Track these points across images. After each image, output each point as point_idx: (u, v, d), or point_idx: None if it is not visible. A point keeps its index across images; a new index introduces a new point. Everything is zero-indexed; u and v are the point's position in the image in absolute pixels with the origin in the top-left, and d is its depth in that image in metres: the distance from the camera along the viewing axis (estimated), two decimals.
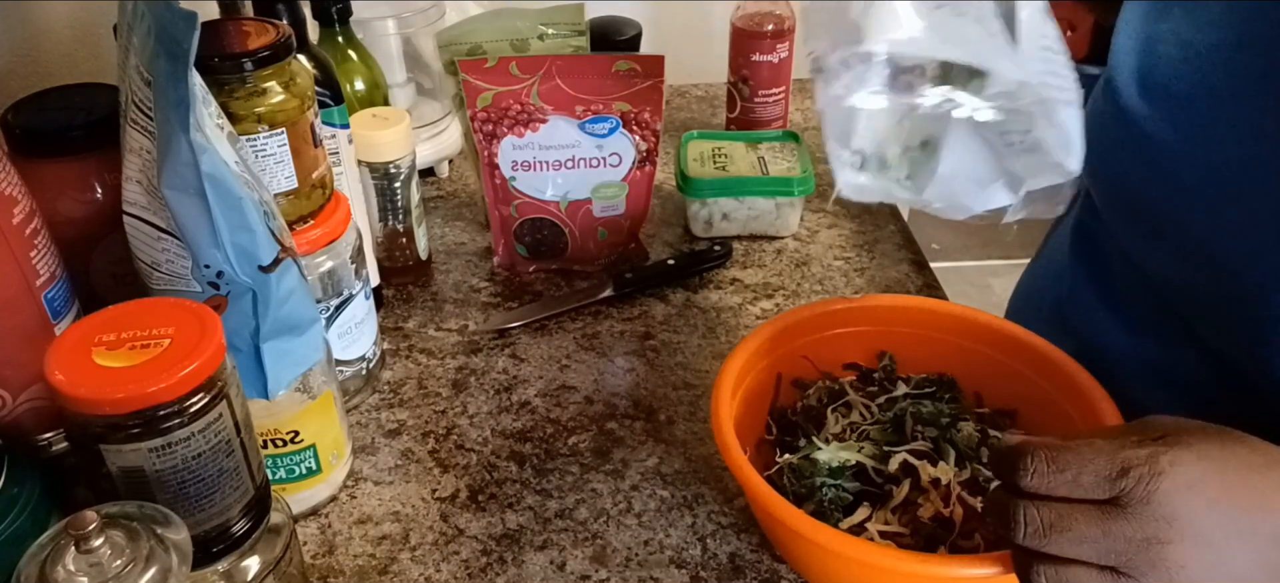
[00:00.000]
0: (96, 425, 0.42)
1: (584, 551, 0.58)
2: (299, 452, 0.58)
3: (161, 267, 0.52)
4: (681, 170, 0.87)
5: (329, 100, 0.68)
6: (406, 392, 0.71)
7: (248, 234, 0.50)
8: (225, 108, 0.54)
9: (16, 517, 0.46)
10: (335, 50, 0.80)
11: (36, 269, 0.50)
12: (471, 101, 0.76)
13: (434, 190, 0.97)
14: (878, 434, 0.58)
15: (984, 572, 0.47)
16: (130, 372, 0.42)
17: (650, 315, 0.79)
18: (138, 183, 0.51)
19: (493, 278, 0.84)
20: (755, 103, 1.00)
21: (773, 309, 0.80)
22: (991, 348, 0.62)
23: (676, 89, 1.18)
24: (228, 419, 0.45)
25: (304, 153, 0.59)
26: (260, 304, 0.52)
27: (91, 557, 0.37)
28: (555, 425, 0.68)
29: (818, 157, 1.03)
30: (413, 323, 0.78)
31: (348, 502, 0.62)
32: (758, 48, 0.97)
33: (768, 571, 0.57)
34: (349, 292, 0.65)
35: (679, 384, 0.72)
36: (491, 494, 0.62)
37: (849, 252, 0.87)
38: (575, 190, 0.81)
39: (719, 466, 0.64)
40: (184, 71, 0.46)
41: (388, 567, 0.57)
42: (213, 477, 0.45)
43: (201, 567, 0.46)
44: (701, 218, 0.88)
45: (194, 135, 0.47)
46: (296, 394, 0.56)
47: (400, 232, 0.80)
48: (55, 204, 0.57)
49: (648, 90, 0.77)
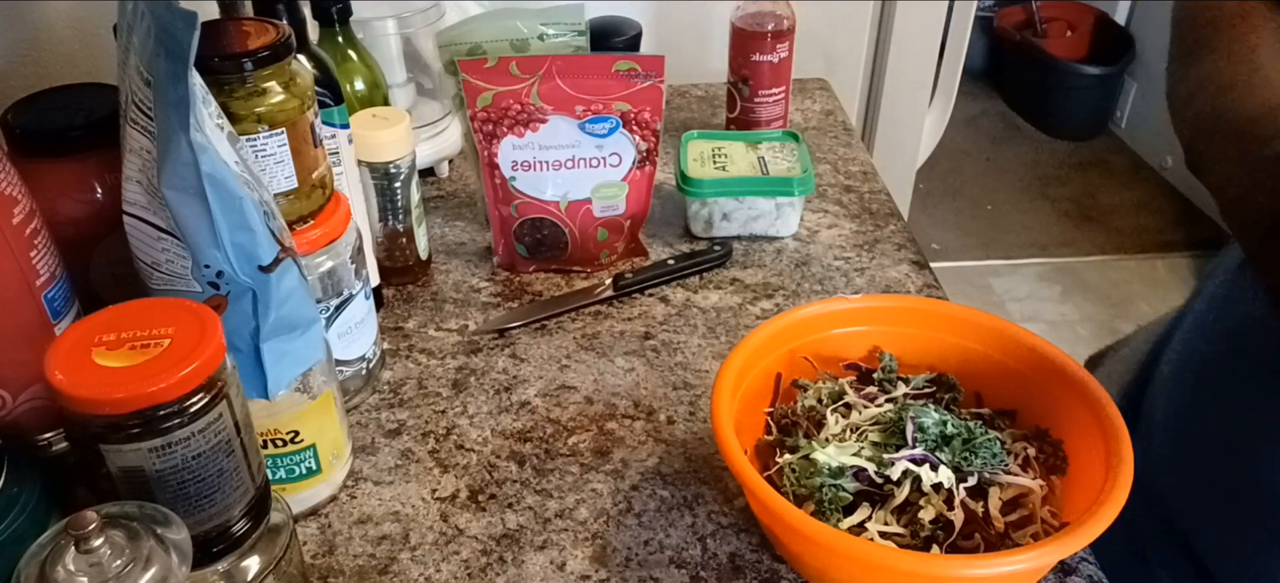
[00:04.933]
0: (96, 425, 0.42)
1: (584, 551, 0.58)
2: (299, 452, 0.58)
3: (161, 267, 0.52)
4: (681, 170, 0.87)
5: (329, 100, 0.68)
6: (406, 392, 0.71)
7: (248, 234, 0.50)
8: (225, 108, 0.54)
9: (16, 517, 0.46)
10: (335, 50, 0.80)
11: (36, 269, 0.50)
12: (471, 101, 0.76)
13: (434, 190, 0.97)
14: (878, 435, 0.58)
15: (984, 572, 0.47)
16: (130, 372, 0.42)
17: (650, 315, 0.79)
18: (138, 183, 0.51)
19: (493, 278, 0.84)
20: (755, 103, 1.00)
21: (773, 309, 0.80)
22: (991, 348, 0.62)
23: (676, 89, 1.18)
24: (228, 419, 0.45)
25: (304, 153, 0.59)
26: (260, 304, 0.52)
27: (91, 557, 0.37)
28: (555, 425, 0.68)
29: (818, 156, 1.03)
30: (413, 323, 0.78)
31: (348, 502, 0.62)
32: (758, 48, 0.97)
33: (768, 571, 0.57)
34: (349, 292, 0.65)
35: (679, 384, 0.72)
36: (491, 494, 0.62)
37: (849, 252, 0.87)
38: (575, 190, 0.81)
39: (719, 466, 0.64)
40: (184, 71, 0.46)
41: (388, 567, 0.57)
42: (213, 477, 0.45)
43: (201, 567, 0.46)
44: (701, 218, 0.88)
45: (194, 135, 0.47)
46: (296, 394, 0.56)
47: (400, 232, 0.80)
48: (55, 204, 0.57)
49: (648, 90, 0.77)
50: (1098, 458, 0.53)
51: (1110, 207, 2.66)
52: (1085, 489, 0.53)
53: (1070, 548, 0.47)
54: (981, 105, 3.16)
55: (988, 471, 0.54)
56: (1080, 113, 2.95)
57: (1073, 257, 2.47)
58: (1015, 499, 0.54)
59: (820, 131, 1.09)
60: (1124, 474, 0.50)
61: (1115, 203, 2.68)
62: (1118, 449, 0.52)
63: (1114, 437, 0.52)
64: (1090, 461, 0.54)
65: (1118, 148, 2.92)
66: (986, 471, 0.54)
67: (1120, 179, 2.78)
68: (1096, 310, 2.29)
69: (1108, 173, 2.82)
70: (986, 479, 0.54)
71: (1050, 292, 2.35)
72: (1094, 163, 2.87)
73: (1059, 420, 0.58)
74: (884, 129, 1.42)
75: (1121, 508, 0.48)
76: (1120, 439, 0.52)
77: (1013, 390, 0.61)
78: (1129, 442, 0.52)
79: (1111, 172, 2.82)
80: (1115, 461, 0.51)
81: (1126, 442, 0.52)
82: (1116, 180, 2.78)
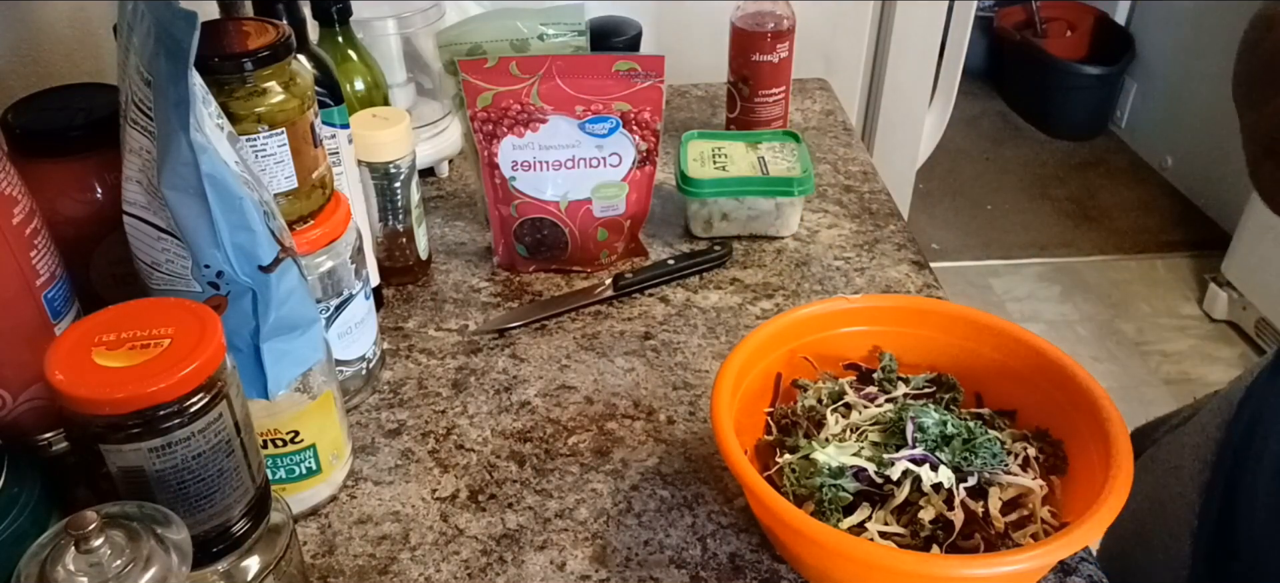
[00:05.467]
0: (96, 425, 0.42)
1: (584, 551, 0.58)
2: (299, 452, 0.58)
3: (161, 267, 0.52)
4: (681, 170, 0.87)
5: (329, 100, 0.68)
6: (406, 392, 0.71)
7: (248, 234, 0.50)
8: (225, 108, 0.54)
9: (16, 517, 0.46)
10: (335, 50, 0.80)
11: (36, 269, 0.50)
12: (471, 101, 0.76)
13: (434, 190, 0.97)
14: (878, 435, 0.58)
15: (984, 572, 0.47)
16: (130, 372, 0.42)
17: (650, 315, 0.79)
18: (138, 183, 0.51)
19: (493, 278, 0.84)
20: (755, 103, 1.00)
21: (773, 309, 0.80)
22: (991, 348, 0.62)
23: (676, 89, 1.18)
24: (228, 419, 0.45)
25: (304, 153, 0.59)
26: (260, 304, 0.52)
27: (91, 557, 0.37)
28: (555, 425, 0.68)
29: (818, 156, 1.03)
30: (413, 323, 0.78)
31: (348, 502, 0.62)
32: (758, 48, 0.97)
33: (768, 571, 0.57)
34: (349, 292, 0.65)
35: (679, 384, 0.72)
36: (491, 494, 0.62)
37: (849, 252, 0.87)
38: (575, 190, 0.81)
39: (719, 466, 0.64)
40: (184, 71, 0.46)
41: (388, 567, 0.57)
42: (213, 477, 0.45)
43: (201, 567, 0.46)
44: (701, 218, 0.88)
45: (194, 135, 0.47)
46: (296, 394, 0.56)
47: (400, 232, 0.80)
48: (55, 204, 0.57)
49: (648, 90, 0.77)
50: (1098, 458, 0.53)
51: (1110, 207, 2.66)
52: (1085, 489, 0.53)
53: (1070, 548, 0.47)
54: (981, 105, 3.16)
55: (988, 471, 0.54)
56: (1080, 113, 2.95)
57: (1073, 257, 2.47)
58: (1015, 499, 0.54)
59: (820, 131, 1.09)
60: (1124, 474, 0.50)
61: (1115, 203, 2.68)
62: (1118, 449, 0.52)
63: (1114, 437, 0.53)
64: (1090, 461, 0.54)
65: (1118, 148, 2.92)
66: (986, 471, 0.54)
67: (1120, 179, 2.78)
68: (1096, 310, 2.29)
69: (1108, 173, 2.82)
70: (986, 479, 0.54)
71: (1050, 292, 2.35)
72: (1094, 163, 2.87)
73: (1059, 421, 0.58)
74: (884, 129, 1.42)
75: (1121, 508, 0.49)
76: (1120, 439, 0.52)
77: (1013, 390, 0.61)
78: (1129, 442, 0.52)
79: (1111, 172, 2.82)
80: (1115, 461, 0.51)
81: (1127, 442, 0.52)
82: (1116, 180, 2.78)
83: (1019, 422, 0.61)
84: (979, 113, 3.12)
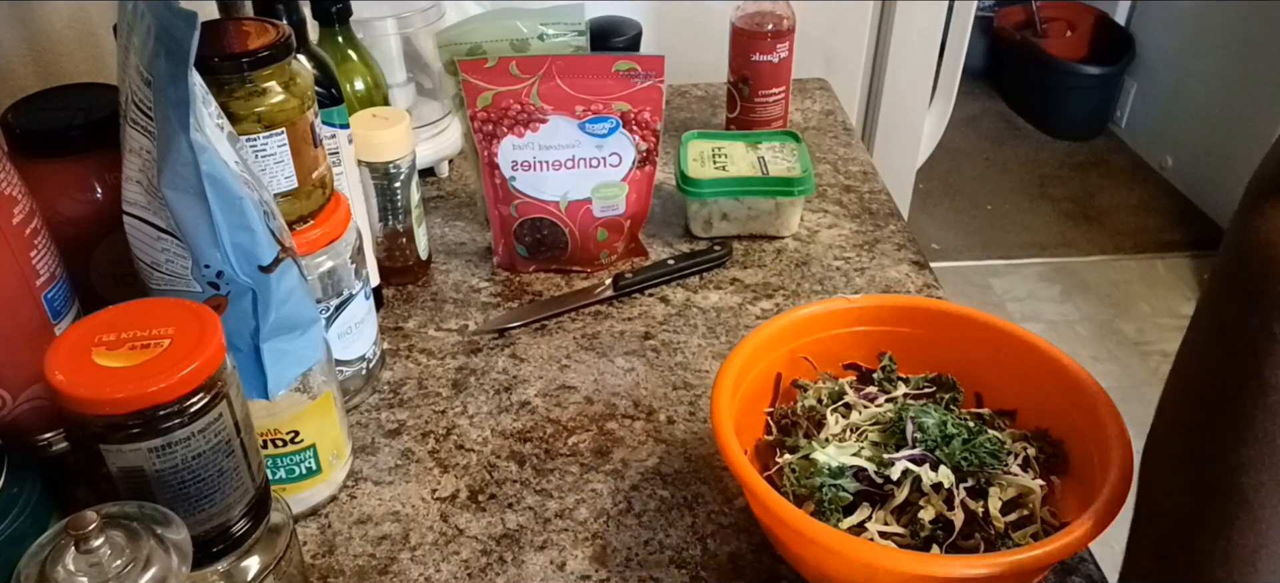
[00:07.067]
0: (96, 425, 0.42)
1: (584, 551, 0.58)
2: (299, 452, 0.58)
3: (161, 267, 0.52)
4: (681, 170, 0.87)
5: (329, 100, 0.68)
6: (406, 392, 0.71)
7: (248, 234, 0.50)
8: (225, 108, 0.54)
9: (16, 517, 0.46)
10: (335, 50, 0.80)
11: (36, 269, 0.50)
12: (471, 101, 0.76)
13: (434, 190, 0.97)
14: (878, 435, 0.58)
15: (984, 572, 0.47)
16: (130, 372, 0.42)
17: (650, 315, 0.79)
18: (138, 183, 0.51)
19: (493, 278, 0.84)
20: (755, 103, 1.00)
21: (773, 309, 0.80)
22: (991, 348, 0.62)
23: (676, 89, 1.18)
24: (228, 419, 0.45)
25: (304, 153, 0.59)
26: (260, 304, 0.52)
27: (91, 557, 0.37)
28: (555, 425, 0.68)
29: (818, 156, 1.03)
30: (413, 323, 0.78)
31: (348, 502, 0.62)
32: (758, 48, 0.97)
33: (768, 571, 0.57)
34: (349, 292, 0.65)
35: (679, 384, 0.72)
36: (491, 494, 0.62)
37: (849, 252, 0.87)
38: (575, 190, 0.80)
39: (719, 466, 0.64)
40: (184, 71, 0.46)
41: (388, 567, 0.57)
42: (213, 477, 0.45)
43: (201, 567, 0.46)
44: (701, 218, 0.88)
45: (194, 135, 0.47)
46: (296, 394, 0.56)
47: (400, 232, 0.80)
48: (55, 204, 0.57)
49: (648, 90, 0.77)
50: (1098, 458, 0.53)
51: (1110, 207, 2.66)
52: (1085, 489, 0.53)
53: (1070, 548, 0.47)
54: (981, 105, 3.16)
55: (988, 471, 0.54)
56: (1080, 113, 2.95)
57: (1073, 257, 2.47)
58: (1015, 499, 0.54)
59: (820, 131, 1.09)
60: (1124, 474, 0.50)
61: (1115, 203, 2.68)
62: (1118, 449, 0.52)
63: (1114, 437, 0.52)
64: (1090, 461, 0.54)
65: (1118, 148, 2.92)
66: (986, 471, 0.54)
67: (1120, 179, 2.78)
68: (1096, 310, 2.29)
69: (1108, 173, 2.82)
70: (986, 479, 0.54)
71: (1050, 292, 2.35)
72: (1094, 163, 2.87)
73: (1059, 421, 0.58)
74: (884, 129, 1.42)
75: (1121, 508, 0.49)
76: (1120, 439, 0.52)
77: (1013, 390, 0.61)
78: (1129, 442, 0.52)
79: (1111, 172, 2.82)
80: (1115, 460, 0.51)
81: (1127, 442, 0.52)
82: (1116, 180, 2.78)
83: (1019, 422, 0.61)
84: (979, 113, 3.12)
